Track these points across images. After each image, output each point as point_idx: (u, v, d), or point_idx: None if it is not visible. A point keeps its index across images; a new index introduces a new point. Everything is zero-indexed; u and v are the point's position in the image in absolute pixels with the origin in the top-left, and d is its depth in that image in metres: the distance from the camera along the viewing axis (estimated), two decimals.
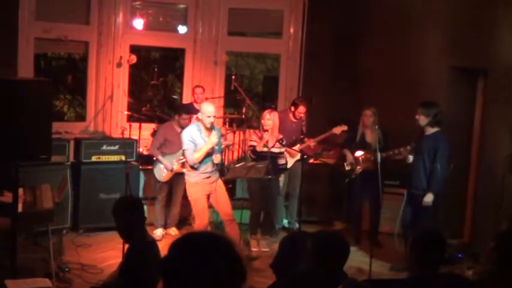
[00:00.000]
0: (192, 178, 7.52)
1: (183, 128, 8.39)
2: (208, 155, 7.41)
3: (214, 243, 2.33)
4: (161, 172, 8.53)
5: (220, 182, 7.69)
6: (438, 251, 4.14)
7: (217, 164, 7.57)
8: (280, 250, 4.23)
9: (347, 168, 8.54)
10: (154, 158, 8.62)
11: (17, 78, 7.86)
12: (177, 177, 8.54)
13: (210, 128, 7.33)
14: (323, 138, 8.93)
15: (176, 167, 8.42)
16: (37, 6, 9.25)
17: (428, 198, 7.41)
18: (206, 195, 7.56)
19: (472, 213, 8.49)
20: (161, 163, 8.50)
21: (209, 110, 7.36)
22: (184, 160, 8.30)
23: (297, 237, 4.58)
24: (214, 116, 7.39)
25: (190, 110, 8.83)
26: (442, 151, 7.41)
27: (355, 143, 8.53)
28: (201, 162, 7.39)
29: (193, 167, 7.47)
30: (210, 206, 7.87)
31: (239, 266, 2.32)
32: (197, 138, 7.39)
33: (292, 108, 8.83)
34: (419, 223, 7.38)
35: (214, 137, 7.29)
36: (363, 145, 8.38)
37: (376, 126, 8.10)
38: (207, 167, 7.46)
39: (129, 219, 4.63)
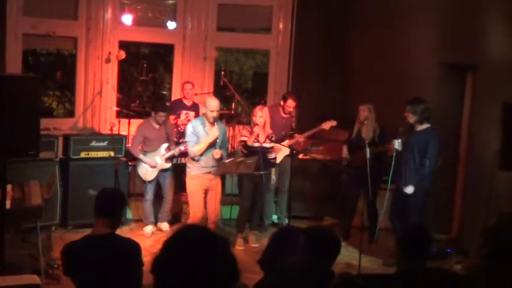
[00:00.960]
0: (192, 171, 7.64)
1: (160, 125, 8.39)
2: (210, 148, 7.47)
3: (210, 241, 2.32)
4: (146, 171, 8.47)
5: (219, 181, 7.75)
6: (424, 247, 4.17)
7: (219, 161, 7.60)
8: (268, 245, 4.23)
9: (343, 163, 8.58)
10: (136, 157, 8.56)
11: (5, 74, 7.81)
12: (163, 174, 8.52)
13: (213, 123, 7.42)
14: (312, 134, 8.93)
15: (160, 163, 8.40)
16: (25, 2, 9.21)
17: (409, 190, 7.45)
18: (204, 189, 7.63)
19: (461, 208, 8.52)
20: (143, 162, 8.45)
21: (213, 104, 7.47)
22: (168, 155, 8.33)
23: (286, 232, 4.58)
24: (217, 111, 7.44)
25: (167, 108, 8.81)
26: (432, 147, 7.44)
27: (352, 138, 8.51)
28: (201, 155, 7.45)
29: (193, 159, 7.53)
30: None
31: (233, 265, 2.31)
32: (200, 131, 7.52)
33: (282, 103, 8.84)
34: (407, 219, 7.41)
35: (215, 131, 7.41)
36: (359, 140, 8.34)
37: (376, 124, 8.13)
38: (208, 162, 7.53)
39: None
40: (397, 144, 7.60)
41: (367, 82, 9.73)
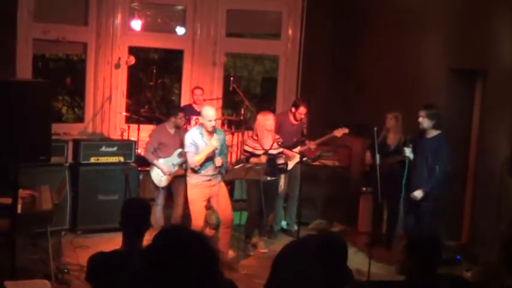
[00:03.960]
0: (192, 180, 7.54)
1: (179, 128, 8.39)
2: (209, 158, 7.43)
3: (190, 239, 2.40)
4: (160, 177, 8.45)
5: (223, 186, 7.70)
6: (434, 254, 4.15)
7: (220, 167, 7.57)
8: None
9: (366, 169, 8.59)
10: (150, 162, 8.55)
11: (16, 79, 7.86)
12: (177, 180, 8.51)
13: (212, 132, 7.36)
14: (324, 141, 8.91)
15: (174, 170, 8.39)
16: (36, 7, 9.26)
17: (418, 194, 7.43)
18: (205, 198, 7.58)
19: (471, 215, 8.49)
20: (158, 167, 8.46)
21: (210, 114, 7.38)
22: (182, 161, 8.31)
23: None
24: (215, 120, 7.41)
25: (184, 109, 8.81)
26: (444, 153, 7.41)
27: (378, 143, 8.47)
28: (201, 165, 7.42)
29: (193, 170, 7.50)
30: (210, 208, 7.88)
31: (214, 262, 2.39)
32: (198, 141, 7.42)
33: (293, 109, 8.80)
34: (420, 226, 7.39)
35: (214, 141, 7.32)
36: (383, 147, 8.26)
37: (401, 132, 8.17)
38: (208, 170, 7.47)
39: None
40: (408, 152, 7.59)
41: (376, 88, 9.73)
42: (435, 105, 7.59)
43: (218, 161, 7.46)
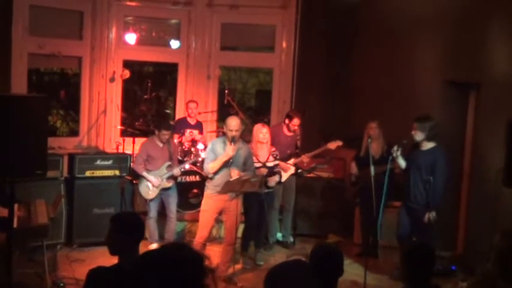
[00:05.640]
0: (208, 190, 7.60)
1: (164, 143, 8.41)
2: (224, 167, 7.44)
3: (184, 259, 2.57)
4: (147, 190, 8.45)
5: (239, 204, 7.64)
6: (428, 264, 4.17)
7: None
8: None
9: (352, 180, 8.61)
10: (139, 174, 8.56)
11: (12, 94, 7.87)
12: (167, 193, 8.51)
13: (232, 141, 7.39)
14: (318, 153, 8.93)
15: (162, 182, 8.40)
16: (31, 22, 9.28)
17: (433, 215, 7.41)
18: (217, 211, 7.59)
19: (465, 225, 8.52)
20: (147, 180, 8.45)
21: (232, 123, 7.44)
22: (168, 175, 8.34)
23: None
24: (236, 130, 7.42)
25: (171, 127, 8.82)
26: (441, 166, 7.40)
27: (361, 155, 8.50)
28: (216, 173, 7.45)
29: (208, 177, 7.58)
30: (220, 221, 7.91)
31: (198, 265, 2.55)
32: (219, 149, 7.49)
33: (287, 121, 8.84)
34: (418, 236, 7.40)
35: (230, 150, 7.36)
36: (368, 158, 8.31)
37: (383, 140, 8.16)
38: (223, 181, 7.42)
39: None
40: (394, 150, 7.55)
41: (370, 100, 9.78)
42: (429, 116, 7.57)
43: (234, 173, 7.47)
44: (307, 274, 2.87)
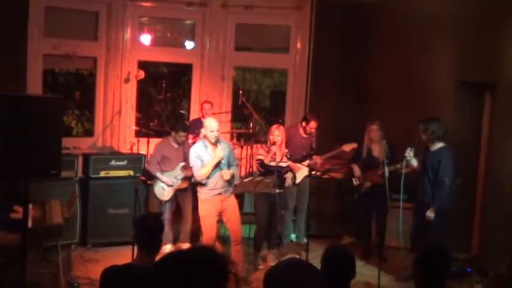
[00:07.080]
0: (202, 195, 7.55)
1: (179, 144, 8.42)
2: (216, 169, 7.43)
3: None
4: (162, 191, 8.47)
5: (234, 201, 7.68)
6: (443, 266, 4.14)
7: (229, 181, 7.57)
8: None
9: (355, 183, 8.58)
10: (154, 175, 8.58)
11: (28, 94, 7.92)
12: (182, 193, 8.53)
13: (215, 143, 7.37)
14: (332, 155, 8.93)
15: (177, 183, 8.41)
16: (46, 23, 9.32)
17: (431, 213, 7.40)
18: (216, 213, 7.57)
19: (480, 227, 8.48)
20: (161, 181, 8.47)
21: (212, 125, 7.40)
22: (183, 175, 8.34)
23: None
24: (217, 131, 7.42)
25: (188, 128, 8.83)
26: (445, 166, 7.37)
27: (362, 158, 8.54)
28: (208, 177, 7.43)
29: (201, 184, 7.50)
30: (220, 221, 7.89)
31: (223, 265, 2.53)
32: (203, 154, 7.43)
33: (304, 124, 8.85)
34: (426, 237, 7.38)
35: (219, 151, 7.33)
36: (370, 160, 8.39)
37: (384, 141, 8.09)
38: (217, 183, 7.45)
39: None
40: (407, 152, 7.56)
41: (384, 101, 9.74)
42: (437, 118, 7.56)
43: (225, 174, 7.46)
44: (307, 274, 2.86)
